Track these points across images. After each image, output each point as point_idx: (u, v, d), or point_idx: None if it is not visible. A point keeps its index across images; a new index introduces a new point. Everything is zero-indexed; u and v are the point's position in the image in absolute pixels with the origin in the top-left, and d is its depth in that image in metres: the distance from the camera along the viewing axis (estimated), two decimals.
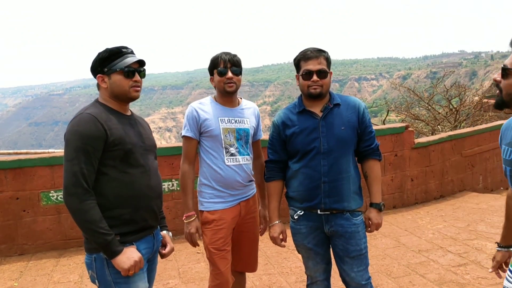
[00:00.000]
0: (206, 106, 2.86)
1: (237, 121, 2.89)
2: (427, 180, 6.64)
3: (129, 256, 2.09)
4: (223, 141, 2.80)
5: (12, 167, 4.89)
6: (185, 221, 2.82)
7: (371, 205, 2.75)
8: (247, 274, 4.21)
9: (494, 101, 1.81)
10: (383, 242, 4.97)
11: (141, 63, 2.24)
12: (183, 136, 2.85)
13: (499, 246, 2.30)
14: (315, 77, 2.56)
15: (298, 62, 2.65)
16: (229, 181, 2.82)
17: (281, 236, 2.81)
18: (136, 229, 2.20)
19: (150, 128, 2.49)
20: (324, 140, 2.58)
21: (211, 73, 2.87)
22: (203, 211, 2.87)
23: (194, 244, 2.85)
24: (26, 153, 5.69)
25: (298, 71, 2.67)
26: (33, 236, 5.01)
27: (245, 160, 2.88)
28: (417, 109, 14.71)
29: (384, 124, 11.86)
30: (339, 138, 2.59)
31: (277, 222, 2.80)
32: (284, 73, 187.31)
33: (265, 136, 3.25)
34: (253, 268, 3.16)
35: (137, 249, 2.18)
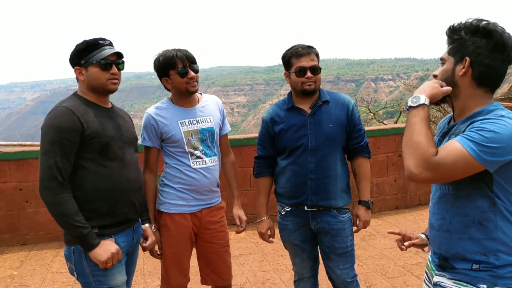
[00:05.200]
0: (163, 111, 2.67)
1: (199, 121, 2.70)
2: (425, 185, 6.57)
3: (106, 248, 2.10)
4: (186, 145, 2.64)
5: (16, 158, 4.99)
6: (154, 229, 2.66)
7: (360, 202, 2.74)
8: (241, 271, 4.24)
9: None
10: (382, 242, 4.94)
11: (119, 55, 2.23)
12: (143, 145, 2.71)
13: (427, 236, 2.05)
14: (309, 74, 2.55)
15: (289, 59, 2.62)
16: (196, 184, 2.67)
17: (269, 232, 2.82)
18: (114, 222, 2.20)
19: (132, 120, 2.48)
20: (312, 137, 2.58)
21: (165, 74, 2.62)
22: (162, 211, 2.70)
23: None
24: (31, 145, 5.78)
25: (288, 69, 2.65)
26: (35, 227, 5.11)
27: (212, 162, 2.73)
28: (432, 111, 14.55)
29: (396, 124, 11.76)
30: (327, 135, 2.58)
31: (265, 218, 2.81)
32: None
33: None
34: (223, 282, 2.90)
35: (116, 242, 2.18)
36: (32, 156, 5.02)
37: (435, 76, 1.77)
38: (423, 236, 2.08)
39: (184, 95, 2.68)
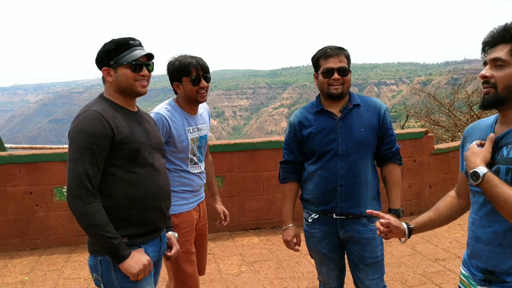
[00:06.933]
0: (173, 114, 2.69)
1: (199, 129, 2.81)
2: (446, 188, 6.47)
3: (138, 260, 1.99)
4: (189, 152, 2.73)
5: (27, 161, 4.90)
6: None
7: (390, 210, 2.64)
8: (256, 278, 4.16)
9: None
10: (399, 249, 4.84)
11: (149, 56, 2.12)
12: None
13: (408, 226, 1.96)
14: (336, 75, 2.46)
15: (317, 60, 2.54)
16: (193, 186, 2.79)
17: (294, 240, 2.72)
18: (144, 231, 2.10)
19: (156, 125, 2.38)
20: (342, 142, 2.49)
21: (177, 79, 2.67)
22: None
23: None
24: (41, 148, 5.71)
25: (317, 70, 2.56)
26: (46, 231, 5.02)
27: (203, 165, 2.89)
28: (437, 115, 14.45)
29: (403, 129, 11.67)
30: (358, 140, 2.49)
31: (291, 225, 2.71)
32: (302, 76, 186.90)
33: (282, 137, 3.17)
34: (202, 272, 3.05)
35: (145, 252, 2.08)
36: (43, 159, 4.94)
37: (484, 77, 1.62)
38: (405, 225, 1.97)
39: (192, 103, 2.73)
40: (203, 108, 2.91)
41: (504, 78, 1.59)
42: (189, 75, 2.62)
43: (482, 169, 1.56)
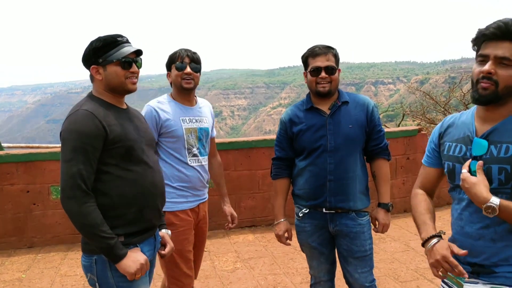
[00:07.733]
0: (165, 105, 2.75)
1: (198, 120, 2.83)
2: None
3: (135, 259, 1.97)
4: (186, 142, 2.74)
5: (24, 160, 4.95)
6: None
7: (379, 205, 2.70)
8: (251, 274, 4.21)
9: None
10: (392, 245, 4.90)
11: (137, 53, 2.09)
12: None
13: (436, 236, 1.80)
14: (323, 74, 2.52)
15: (306, 59, 2.61)
16: (193, 181, 2.78)
17: (286, 235, 2.78)
18: (140, 229, 2.08)
19: (146, 121, 2.37)
20: (331, 138, 2.54)
21: (169, 69, 2.80)
22: (165, 211, 2.62)
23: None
24: (38, 147, 5.75)
25: (306, 68, 2.63)
26: (42, 230, 5.06)
27: (205, 161, 2.87)
28: (434, 114, 14.50)
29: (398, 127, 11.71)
30: (346, 136, 2.55)
31: (282, 220, 2.76)
32: (300, 76, 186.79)
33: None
34: (195, 275, 2.98)
35: (141, 251, 2.07)
36: (40, 158, 4.99)
37: (487, 73, 1.58)
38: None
39: (181, 92, 2.78)
40: (204, 104, 2.97)
41: (509, 78, 1.57)
42: (175, 62, 2.74)
43: (495, 201, 1.54)
